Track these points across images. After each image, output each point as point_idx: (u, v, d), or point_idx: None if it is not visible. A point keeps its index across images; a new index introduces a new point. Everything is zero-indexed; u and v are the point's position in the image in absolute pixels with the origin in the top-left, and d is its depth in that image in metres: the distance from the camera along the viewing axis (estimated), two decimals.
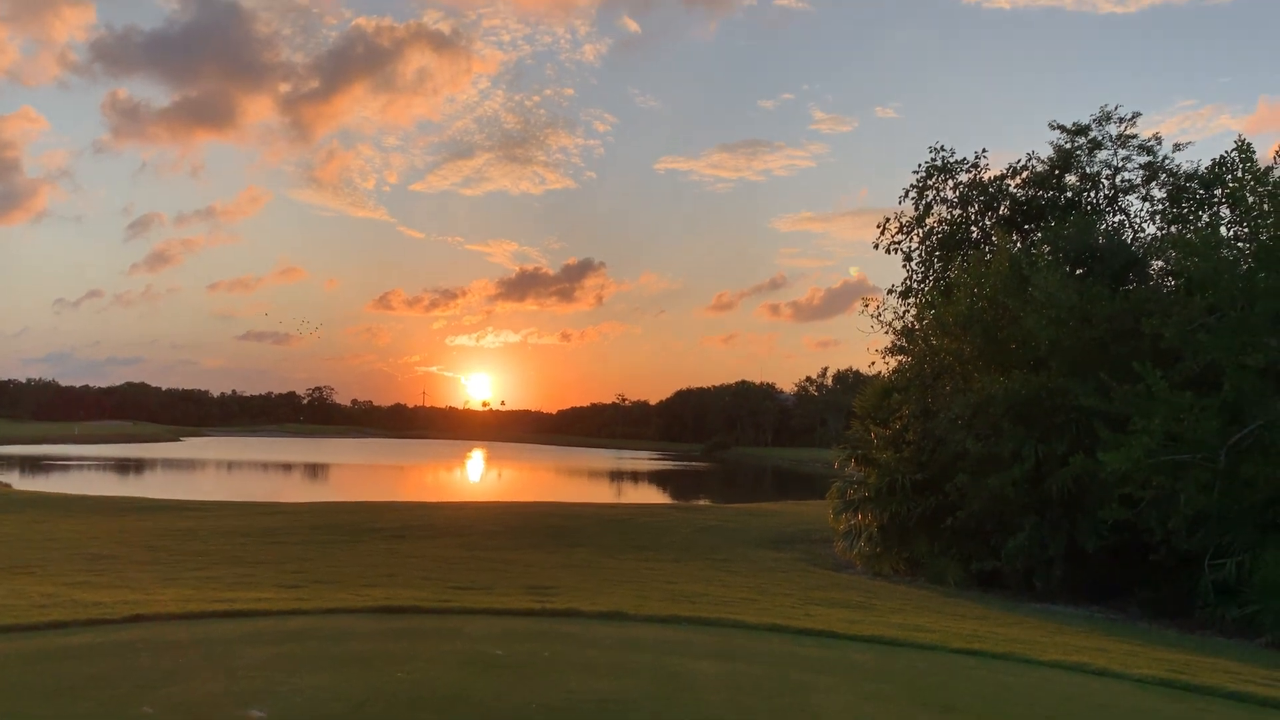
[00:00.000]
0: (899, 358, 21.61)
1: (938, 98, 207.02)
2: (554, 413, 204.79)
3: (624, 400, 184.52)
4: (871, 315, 22.54)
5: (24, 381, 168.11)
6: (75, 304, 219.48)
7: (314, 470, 65.66)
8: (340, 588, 11.86)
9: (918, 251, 22.99)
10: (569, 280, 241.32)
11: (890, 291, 23.02)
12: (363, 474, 64.68)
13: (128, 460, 66.94)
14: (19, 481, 37.84)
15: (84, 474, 51.24)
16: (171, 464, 66.64)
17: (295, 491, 46.32)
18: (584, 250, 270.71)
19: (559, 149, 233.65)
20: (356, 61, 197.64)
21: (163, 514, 24.24)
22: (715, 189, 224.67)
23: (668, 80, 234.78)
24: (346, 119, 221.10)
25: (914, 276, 22.93)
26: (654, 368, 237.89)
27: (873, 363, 22.66)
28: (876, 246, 23.49)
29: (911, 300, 22.48)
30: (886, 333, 22.21)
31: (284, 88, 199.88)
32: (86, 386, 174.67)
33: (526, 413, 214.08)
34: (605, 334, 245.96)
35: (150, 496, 32.85)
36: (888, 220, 23.36)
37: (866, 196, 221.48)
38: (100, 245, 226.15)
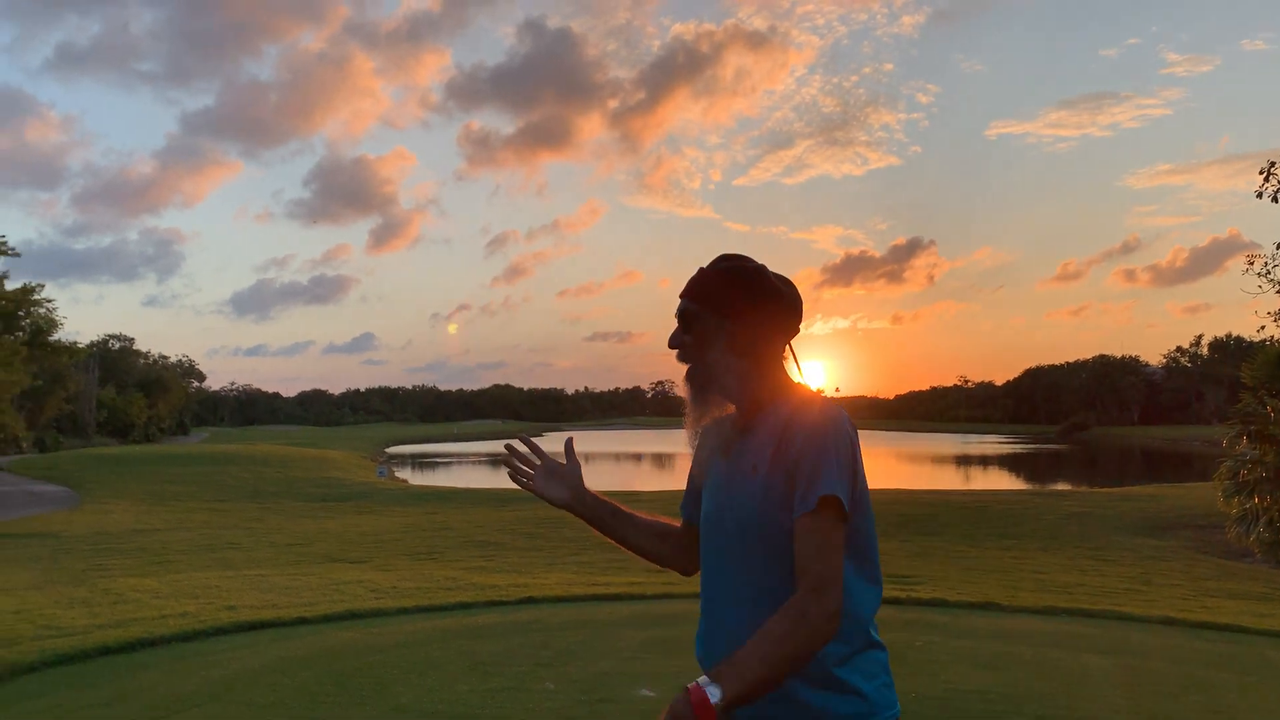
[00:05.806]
0: None
1: None
2: (891, 397, 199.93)
3: (966, 382, 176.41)
4: (1257, 274, 20.30)
5: (410, 388, 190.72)
6: (447, 317, 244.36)
7: (659, 459, 68.62)
8: None
9: None
10: (897, 261, 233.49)
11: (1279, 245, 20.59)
12: None
13: (499, 455, 73.36)
14: (413, 477, 42.62)
15: (463, 469, 56.74)
16: None
17: (646, 480, 48.69)
18: (911, 229, 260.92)
19: (880, 126, 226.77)
20: (678, 70, 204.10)
21: (536, 504, 26.39)
22: (1055, 150, 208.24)
23: (994, 40, 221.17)
24: (671, 125, 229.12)
25: None
26: (995, 346, 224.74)
27: (1262, 327, 20.31)
28: (1260, 195, 20.99)
29: None
30: (1278, 292, 19.97)
31: (613, 104, 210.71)
32: (461, 390, 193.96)
33: (862, 398, 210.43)
34: (939, 314, 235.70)
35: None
36: (1272, 164, 20.86)
37: (1229, 143, 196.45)
38: (465, 263, 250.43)
